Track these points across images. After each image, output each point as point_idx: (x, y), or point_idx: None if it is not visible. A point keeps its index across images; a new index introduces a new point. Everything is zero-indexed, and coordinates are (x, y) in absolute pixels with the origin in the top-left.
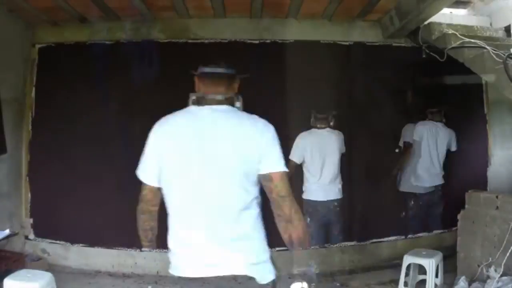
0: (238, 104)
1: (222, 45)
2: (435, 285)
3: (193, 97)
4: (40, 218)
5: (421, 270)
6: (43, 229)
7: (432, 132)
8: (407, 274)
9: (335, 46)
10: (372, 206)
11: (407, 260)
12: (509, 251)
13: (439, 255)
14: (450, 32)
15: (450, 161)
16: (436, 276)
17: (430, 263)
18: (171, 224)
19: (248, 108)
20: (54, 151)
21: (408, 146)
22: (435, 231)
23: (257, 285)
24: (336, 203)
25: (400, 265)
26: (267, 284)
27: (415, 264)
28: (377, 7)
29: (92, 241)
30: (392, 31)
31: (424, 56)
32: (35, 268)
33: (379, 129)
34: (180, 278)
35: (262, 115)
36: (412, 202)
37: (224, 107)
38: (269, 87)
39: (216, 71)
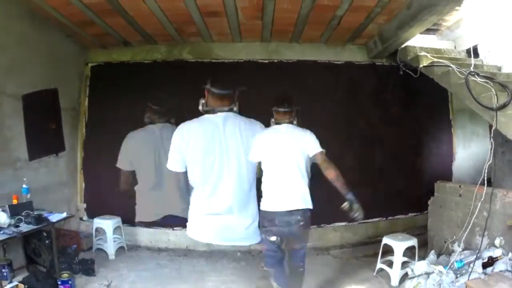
0: (235, 109)
1: (239, 64)
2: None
3: (204, 106)
4: (92, 203)
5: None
6: (94, 212)
7: None
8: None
9: (329, 65)
10: None
11: (384, 240)
12: (467, 230)
13: (412, 240)
14: (422, 53)
15: (422, 158)
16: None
17: (399, 246)
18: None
19: (260, 112)
20: (104, 149)
21: None
22: (410, 214)
23: None
24: None
25: (381, 241)
26: None
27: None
28: (364, 34)
29: (134, 222)
30: (376, 53)
31: (401, 72)
32: (88, 243)
33: (363, 129)
34: (204, 251)
35: (268, 117)
36: None
37: (229, 113)
38: (275, 94)
39: (222, 92)
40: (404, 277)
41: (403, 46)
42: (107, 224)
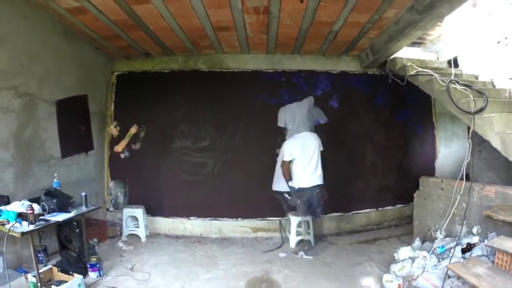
0: None
1: (247, 73)
2: None
3: None
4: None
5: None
6: (119, 204)
7: None
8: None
9: (327, 74)
10: None
11: None
12: (448, 219)
13: None
14: (408, 64)
15: (409, 155)
16: None
17: None
18: None
19: (264, 114)
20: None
21: None
22: (398, 205)
23: None
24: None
25: (372, 230)
26: None
27: None
28: (357, 46)
29: (154, 212)
30: (367, 63)
31: (390, 81)
32: (113, 231)
33: (357, 130)
34: (216, 238)
35: (274, 120)
36: None
37: None
38: (279, 101)
39: None
40: None
41: (391, 57)
42: (139, 211)
